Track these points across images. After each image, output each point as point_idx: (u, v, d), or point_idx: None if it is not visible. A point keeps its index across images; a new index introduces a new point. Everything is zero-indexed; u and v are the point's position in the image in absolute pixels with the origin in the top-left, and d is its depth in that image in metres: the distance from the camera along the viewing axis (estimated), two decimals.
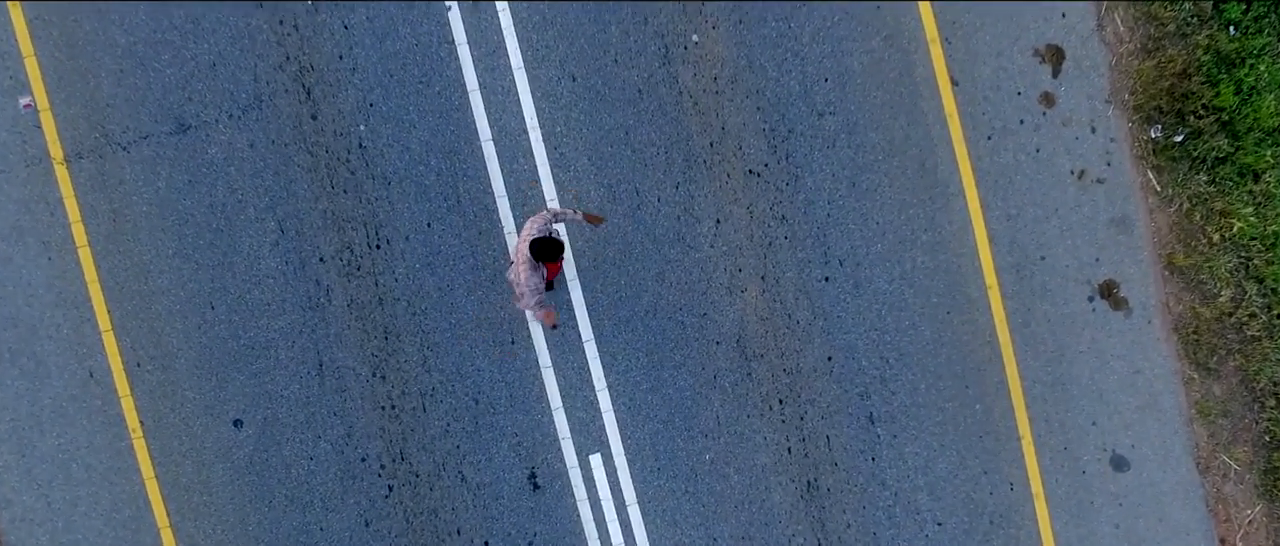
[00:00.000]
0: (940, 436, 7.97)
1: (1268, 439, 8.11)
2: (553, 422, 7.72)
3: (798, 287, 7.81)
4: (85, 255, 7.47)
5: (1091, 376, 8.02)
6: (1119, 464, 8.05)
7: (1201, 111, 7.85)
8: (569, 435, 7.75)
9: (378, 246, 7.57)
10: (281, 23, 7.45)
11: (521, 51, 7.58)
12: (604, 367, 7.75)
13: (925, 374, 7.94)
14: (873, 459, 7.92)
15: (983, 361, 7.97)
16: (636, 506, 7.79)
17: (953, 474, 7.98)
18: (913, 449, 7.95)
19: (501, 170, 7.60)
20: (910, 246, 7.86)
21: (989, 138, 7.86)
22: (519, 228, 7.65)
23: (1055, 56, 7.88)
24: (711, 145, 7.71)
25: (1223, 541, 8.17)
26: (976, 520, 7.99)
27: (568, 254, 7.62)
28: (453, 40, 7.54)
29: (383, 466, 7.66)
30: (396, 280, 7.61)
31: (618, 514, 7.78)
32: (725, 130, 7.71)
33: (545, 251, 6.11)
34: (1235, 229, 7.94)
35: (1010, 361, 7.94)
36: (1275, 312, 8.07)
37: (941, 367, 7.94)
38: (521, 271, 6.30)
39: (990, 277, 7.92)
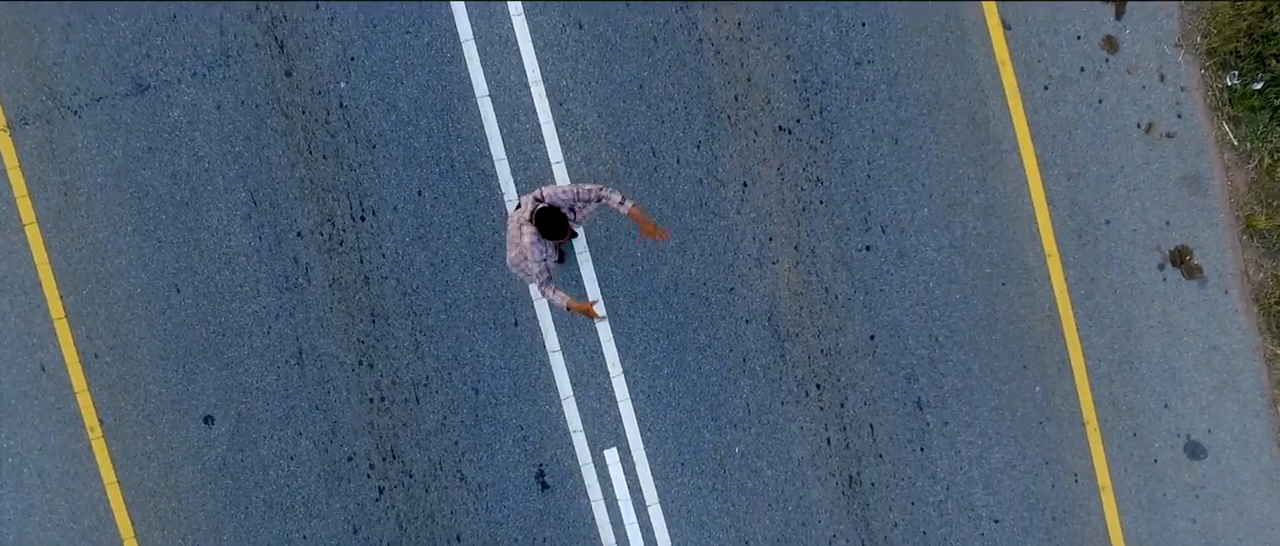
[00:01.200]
0: (996, 423, 7.74)
1: None
2: (562, 414, 7.55)
3: (835, 258, 7.57)
4: (33, 233, 7.29)
5: (1163, 353, 7.77)
6: (1194, 451, 7.84)
7: None
8: (581, 427, 7.58)
9: (362, 218, 7.38)
10: None
11: None
12: (619, 351, 7.55)
13: (979, 353, 7.69)
14: (921, 449, 7.72)
15: (1042, 338, 7.72)
16: (658, 506, 7.62)
17: (1010, 465, 7.76)
18: (966, 437, 7.73)
19: (500, 130, 7.36)
20: (960, 210, 7.61)
21: (1045, 87, 7.61)
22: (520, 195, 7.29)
23: None
24: (736, 99, 7.47)
25: None
26: (1037, 516, 7.77)
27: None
28: None
29: (372, 466, 7.50)
30: (384, 256, 7.40)
31: (637, 515, 7.62)
32: (751, 82, 7.46)
33: (551, 225, 5.53)
34: None
35: (1072, 338, 7.73)
36: None
37: (996, 346, 7.70)
38: (523, 243, 5.77)
39: (1049, 244, 7.70)
